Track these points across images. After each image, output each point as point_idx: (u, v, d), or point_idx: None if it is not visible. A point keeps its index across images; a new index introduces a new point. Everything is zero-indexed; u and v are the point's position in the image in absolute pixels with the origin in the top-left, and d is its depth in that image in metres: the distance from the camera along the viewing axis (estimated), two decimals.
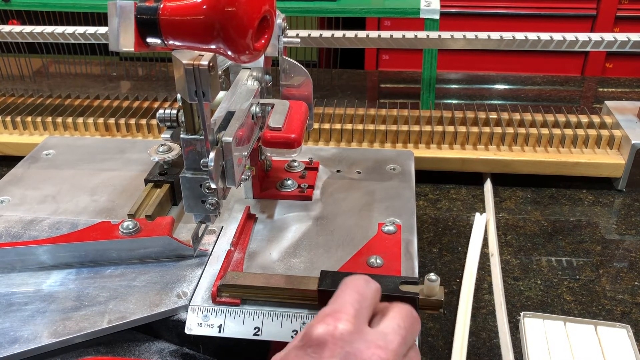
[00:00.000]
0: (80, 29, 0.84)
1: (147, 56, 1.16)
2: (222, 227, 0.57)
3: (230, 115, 0.49)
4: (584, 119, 0.80)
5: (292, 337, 0.46)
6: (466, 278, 0.60)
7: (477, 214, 0.70)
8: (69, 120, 0.82)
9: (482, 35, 0.80)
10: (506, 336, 0.54)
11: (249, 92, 0.53)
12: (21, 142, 0.81)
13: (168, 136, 0.50)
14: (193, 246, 0.53)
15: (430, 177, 0.77)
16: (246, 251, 0.54)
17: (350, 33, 0.82)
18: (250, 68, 0.56)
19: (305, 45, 0.85)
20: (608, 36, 0.78)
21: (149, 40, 0.40)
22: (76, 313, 0.48)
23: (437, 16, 0.83)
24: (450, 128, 0.78)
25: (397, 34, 0.81)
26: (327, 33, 0.82)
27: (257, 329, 0.47)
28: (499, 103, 1.01)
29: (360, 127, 0.78)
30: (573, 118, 0.80)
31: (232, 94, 0.52)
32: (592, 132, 0.77)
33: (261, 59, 0.55)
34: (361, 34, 0.82)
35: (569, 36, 0.79)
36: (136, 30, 0.39)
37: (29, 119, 0.82)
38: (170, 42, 0.40)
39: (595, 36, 0.78)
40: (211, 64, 0.42)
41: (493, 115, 0.81)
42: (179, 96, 0.47)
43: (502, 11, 1.76)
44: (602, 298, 0.59)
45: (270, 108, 0.53)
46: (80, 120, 0.82)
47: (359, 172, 0.65)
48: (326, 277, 0.46)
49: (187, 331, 0.47)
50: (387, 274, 0.48)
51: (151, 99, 0.87)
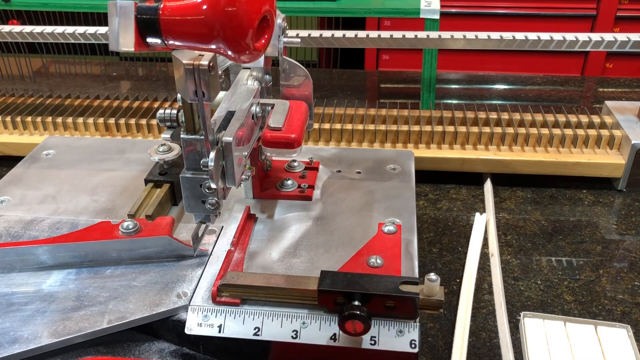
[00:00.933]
0: (80, 29, 0.84)
1: (147, 56, 1.16)
2: (222, 227, 0.57)
3: (230, 115, 0.49)
4: (584, 119, 0.80)
5: (292, 337, 0.47)
6: (466, 278, 0.60)
7: (477, 214, 0.70)
8: (69, 120, 0.82)
9: (482, 35, 0.80)
10: (506, 336, 0.54)
11: (249, 92, 0.53)
12: (21, 142, 0.81)
13: (168, 136, 0.50)
14: (193, 246, 0.53)
15: (430, 177, 0.77)
16: (246, 251, 0.54)
17: (350, 33, 0.82)
18: (250, 68, 0.56)
19: (305, 45, 0.85)
20: (608, 36, 0.78)
21: (149, 40, 0.40)
22: (76, 313, 0.48)
23: (437, 16, 0.83)
24: (450, 128, 0.78)
25: (397, 34, 0.81)
26: (327, 33, 0.82)
27: (257, 329, 0.47)
28: (499, 103, 1.01)
29: (360, 127, 0.78)
30: (573, 118, 0.80)
31: (232, 94, 0.52)
32: (592, 132, 0.77)
33: (261, 59, 0.55)
34: (361, 34, 0.82)
35: (569, 36, 0.79)
36: (136, 30, 0.39)
37: (29, 119, 0.82)
38: (170, 42, 0.40)
39: (595, 36, 0.78)
40: (211, 64, 0.42)
41: (493, 115, 0.81)
42: (179, 96, 0.47)
43: (502, 11, 1.76)
44: (602, 298, 0.59)
45: (270, 108, 0.54)
46: (80, 120, 0.82)
47: (359, 172, 0.65)
48: (326, 277, 0.46)
49: (187, 331, 0.47)
50: (387, 274, 0.48)
51: (151, 99, 0.87)
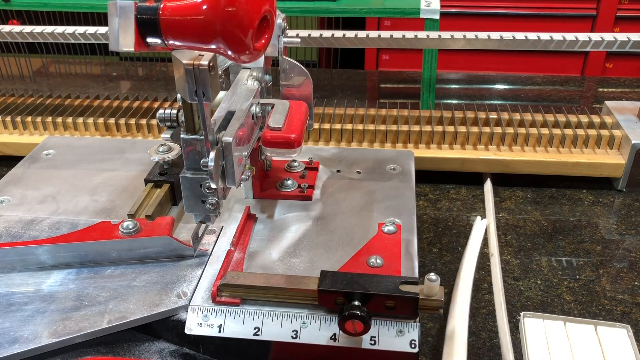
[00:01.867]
0: (80, 29, 0.84)
1: (147, 56, 1.16)
2: (222, 227, 0.57)
3: (230, 115, 0.49)
4: (584, 119, 0.80)
5: (292, 337, 0.46)
6: (463, 280, 0.59)
7: (478, 218, 0.69)
8: (69, 120, 0.82)
9: (482, 35, 0.80)
10: (506, 336, 0.54)
11: (249, 92, 0.53)
12: (21, 142, 0.81)
13: (168, 136, 0.50)
14: (193, 246, 0.53)
15: (430, 177, 0.77)
16: (246, 251, 0.54)
17: (350, 33, 0.82)
18: (250, 68, 0.56)
19: (305, 45, 0.85)
20: (608, 36, 0.78)
21: (149, 40, 0.40)
22: (76, 313, 0.48)
23: (437, 16, 0.83)
24: (450, 128, 0.78)
25: (397, 34, 0.81)
26: (327, 33, 0.82)
27: (257, 329, 0.47)
28: (499, 103, 1.01)
29: (360, 127, 0.78)
30: (573, 118, 0.80)
31: (232, 94, 0.52)
32: (592, 132, 0.77)
33: (261, 59, 0.55)
34: (361, 34, 0.82)
35: (569, 36, 0.79)
36: (136, 30, 0.39)
37: (29, 119, 0.82)
38: (170, 42, 0.40)
39: (595, 36, 0.78)
40: (211, 64, 0.42)
41: (493, 115, 0.81)
42: (179, 96, 0.47)
43: (502, 11, 1.76)
44: (602, 298, 0.59)
45: (270, 108, 0.53)
46: (80, 120, 0.82)
47: (359, 172, 0.65)
48: (326, 277, 0.46)
49: (187, 331, 0.47)
50: (387, 274, 0.48)
51: (151, 99, 0.87)
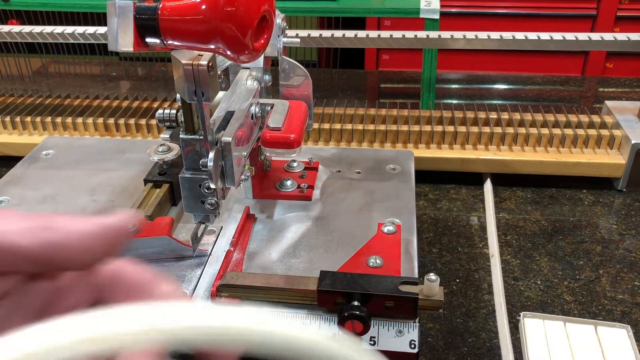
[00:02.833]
0: (80, 29, 0.84)
1: (147, 56, 1.16)
2: (222, 227, 0.57)
3: (229, 115, 0.49)
4: (584, 119, 0.80)
5: None
6: None
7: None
8: (69, 120, 0.82)
9: (482, 35, 0.80)
10: (506, 336, 0.54)
11: (249, 92, 0.53)
12: (21, 142, 0.81)
13: (167, 136, 0.50)
14: (192, 246, 0.53)
15: (430, 177, 0.77)
16: (245, 251, 0.54)
17: (350, 33, 0.82)
18: (249, 68, 0.56)
19: (305, 45, 0.85)
20: (608, 36, 0.78)
21: (148, 40, 0.40)
22: None
23: (437, 16, 0.83)
24: (450, 128, 0.78)
25: (397, 34, 0.81)
26: (327, 33, 0.82)
27: None
28: (499, 103, 1.00)
29: (360, 127, 0.78)
30: (573, 118, 0.80)
31: (232, 94, 0.52)
32: (593, 132, 0.76)
33: (261, 59, 0.55)
34: (361, 34, 0.82)
35: (569, 36, 0.79)
36: (135, 30, 0.39)
37: (29, 119, 0.82)
38: (169, 42, 0.40)
39: (595, 36, 0.78)
40: (210, 64, 0.42)
41: (493, 115, 0.80)
42: (179, 96, 0.47)
43: (502, 11, 1.76)
44: (602, 298, 0.59)
45: (269, 108, 0.53)
46: (79, 120, 0.82)
47: (359, 172, 0.65)
48: (326, 278, 0.46)
49: None
50: (387, 274, 0.48)
51: (151, 99, 0.87)
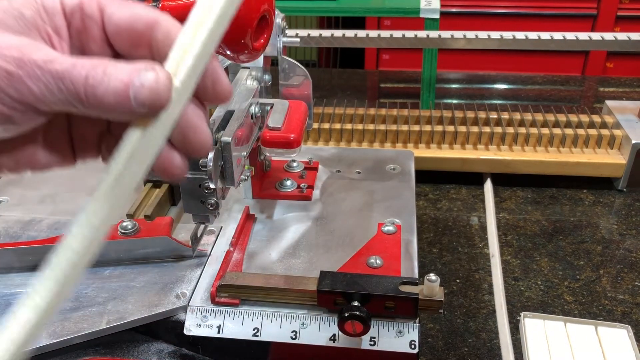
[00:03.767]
0: None
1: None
2: (221, 228, 0.57)
3: (229, 115, 0.49)
4: (585, 119, 0.80)
5: (292, 338, 0.46)
6: None
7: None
8: None
9: (482, 35, 0.80)
10: (506, 337, 0.54)
11: (248, 92, 0.53)
12: None
13: None
14: (192, 246, 0.53)
15: (430, 177, 0.77)
16: (245, 251, 0.53)
17: (350, 33, 0.82)
18: (249, 67, 0.55)
19: (304, 44, 0.85)
20: (608, 36, 0.78)
21: None
22: (75, 314, 0.48)
23: (437, 16, 0.83)
24: (450, 128, 0.78)
25: (397, 34, 0.81)
26: (327, 33, 0.82)
27: (257, 330, 0.47)
28: (499, 103, 1.00)
29: (360, 127, 0.78)
30: (573, 118, 0.80)
31: None
32: (593, 132, 0.76)
33: (260, 59, 0.55)
34: (361, 34, 0.82)
35: (569, 36, 0.78)
36: None
37: None
38: None
39: (595, 36, 0.78)
40: None
41: (493, 115, 0.80)
42: None
43: (502, 11, 1.76)
44: (603, 298, 0.59)
45: (269, 108, 0.53)
46: None
47: (359, 172, 0.65)
48: (325, 278, 0.46)
49: (186, 332, 0.47)
50: (387, 274, 0.48)
51: None
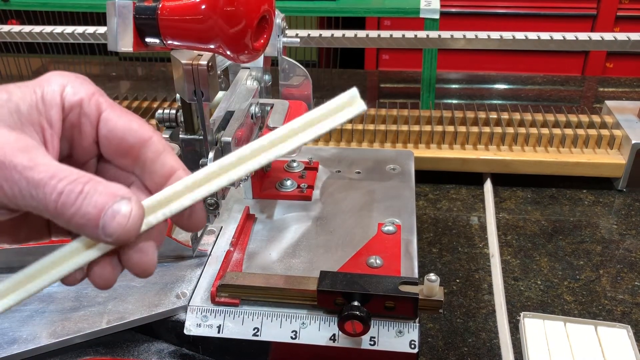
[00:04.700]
0: (79, 29, 0.84)
1: (147, 56, 1.16)
2: (222, 228, 0.57)
3: (229, 115, 0.49)
4: (584, 119, 0.80)
5: (292, 338, 0.46)
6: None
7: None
8: None
9: (482, 35, 0.80)
10: (506, 336, 0.54)
11: (248, 92, 0.53)
12: None
13: (167, 136, 0.50)
14: (192, 246, 0.53)
15: (430, 177, 0.77)
16: (245, 251, 0.53)
17: (350, 33, 0.82)
18: (249, 68, 0.55)
19: (304, 45, 0.85)
20: (608, 36, 0.78)
21: (148, 40, 0.40)
22: (75, 313, 0.48)
23: (437, 16, 0.83)
24: (450, 128, 0.78)
25: (397, 34, 0.81)
26: (327, 33, 0.82)
27: (257, 330, 0.47)
28: (499, 103, 1.00)
29: (360, 127, 0.78)
30: (573, 118, 0.80)
31: (232, 94, 0.52)
32: (593, 132, 0.76)
33: (260, 59, 0.55)
34: (361, 34, 0.82)
35: (569, 36, 0.78)
36: (135, 30, 0.39)
37: None
38: (169, 42, 0.40)
39: (595, 36, 0.78)
40: (210, 64, 0.42)
41: (493, 115, 0.80)
42: (178, 96, 0.47)
43: (502, 11, 1.76)
44: (603, 298, 0.59)
45: (269, 108, 0.53)
46: None
47: (359, 172, 0.65)
48: (325, 278, 0.46)
49: (186, 332, 0.47)
50: (387, 274, 0.48)
51: (150, 99, 0.87)
